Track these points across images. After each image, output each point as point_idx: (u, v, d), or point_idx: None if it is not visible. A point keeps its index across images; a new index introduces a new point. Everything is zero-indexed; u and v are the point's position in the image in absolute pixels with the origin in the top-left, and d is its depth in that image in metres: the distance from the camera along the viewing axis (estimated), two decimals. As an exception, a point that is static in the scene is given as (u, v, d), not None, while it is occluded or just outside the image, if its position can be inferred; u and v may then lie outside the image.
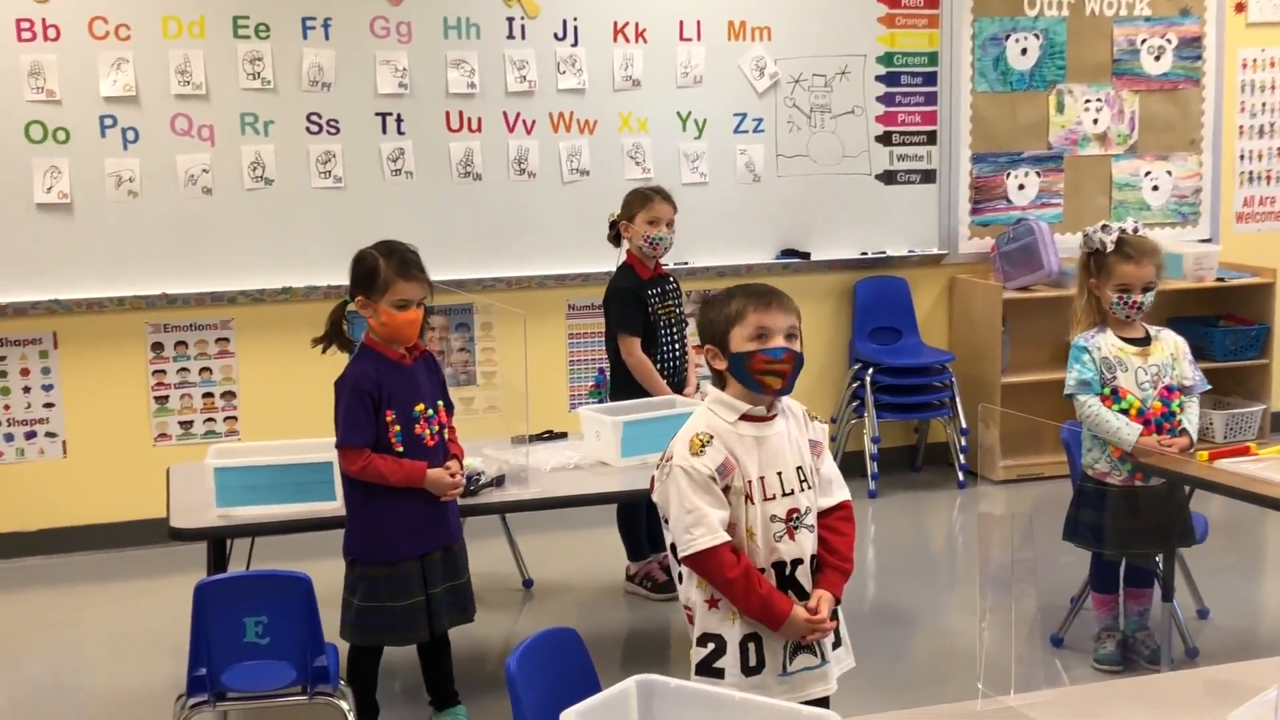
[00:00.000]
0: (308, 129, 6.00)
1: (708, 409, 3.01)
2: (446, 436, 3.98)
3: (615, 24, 6.36)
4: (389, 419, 3.81)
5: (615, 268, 5.24)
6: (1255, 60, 7.46)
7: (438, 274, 4.12)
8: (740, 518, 2.93)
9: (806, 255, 6.73)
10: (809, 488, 3.00)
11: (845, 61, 6.73)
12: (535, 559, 5.56)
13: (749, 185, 6.64)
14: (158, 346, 5.96)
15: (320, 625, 3.54)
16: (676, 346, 5.20)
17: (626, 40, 6.38)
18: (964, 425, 6.66)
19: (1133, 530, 4.45)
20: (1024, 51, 6.99)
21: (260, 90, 5.93)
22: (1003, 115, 7.00)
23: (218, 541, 4.09)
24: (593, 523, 5.58)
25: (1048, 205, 7.11)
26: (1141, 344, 4.44)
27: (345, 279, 3.91)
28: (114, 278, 5.83)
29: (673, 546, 2.97)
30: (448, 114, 6.17)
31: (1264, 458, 4.25)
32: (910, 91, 6.85)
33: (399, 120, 6.11)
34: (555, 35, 6.28)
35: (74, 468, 5.92)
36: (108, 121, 5.76)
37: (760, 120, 6.63)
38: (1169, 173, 7.32)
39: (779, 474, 2.96)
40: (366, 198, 6.07)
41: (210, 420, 6.06)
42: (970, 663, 2.70)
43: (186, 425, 6.03)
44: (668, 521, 2.97)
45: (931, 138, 6.91)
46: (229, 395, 6.07)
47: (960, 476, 6.75)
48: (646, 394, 4.97)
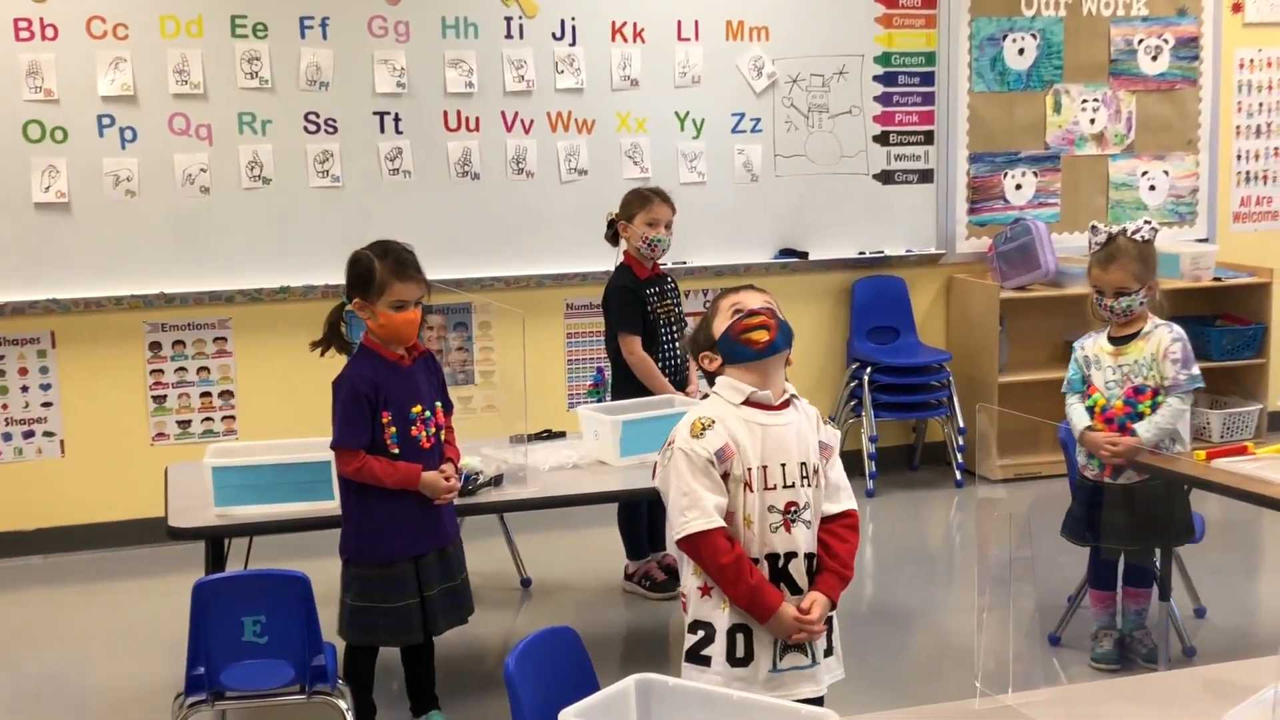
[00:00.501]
0: (305, 128, 6.00)
1: (715, 394, 3.04)
2: (443, 438, 3.97)
3: (613, 23, 6.37)
4: (385, 421, 3.80)
5: (613, 267, 5.25)
6: (1252, 60, 7.46)
7: (436, 273, 4.13)
8: (738, 505, 2.94)
9: (804, 255, 6.73)
10: (811, 485, 3.01)
11: (843, 61, 6.74)
12: (534, 558, 5.56)
13: (747, 185, 6.65)
14: (155, 346, 5.96)
15: (318, 624, 3.54)
16: (677, 345, 5.20)
17: (624, 40, 6.38)
18: (961, 424, 6.67)
19: (1129, 527, 4.46)
20: (1021, 51, 7.00)
21: (258, 89, 5.93)
22: (1000, 115, 7.00)
23: (216, 541, 4.09)
24: (591, 522, 5.58)
25: (1045, 205, 7.12)
26: (1122, 343, 4.45)
27: (343, 279, 3.91)
28: (112, 277, 5.83)
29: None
30: (446, 113, 6.17)
31: (1261, 457, 4.26)
32: (908, 91, 6.86)
33: (397, 120, 6.11)
34: (553, 35, 6.28)
35: (72, 467, 5.92)
36: (105, 121, 5.76)
37: (758, 120, 6.63)
38: (1166, 173, 7.33)
39: (782, 465, 2.97)
40: (364, 197, 6.07)
41: (208, 420, 6.06)
42: (968, 661, 2.71)
43: (184, 425, 6.03)
44: (668, 506, 2.98)
45: (929, 138, 6.92)
46: (227, 394, 6.07)
47: (958, 476, 6.76)
48: (648, 393, 4.97)
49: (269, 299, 6.01)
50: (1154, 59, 7.22)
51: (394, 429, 3.81)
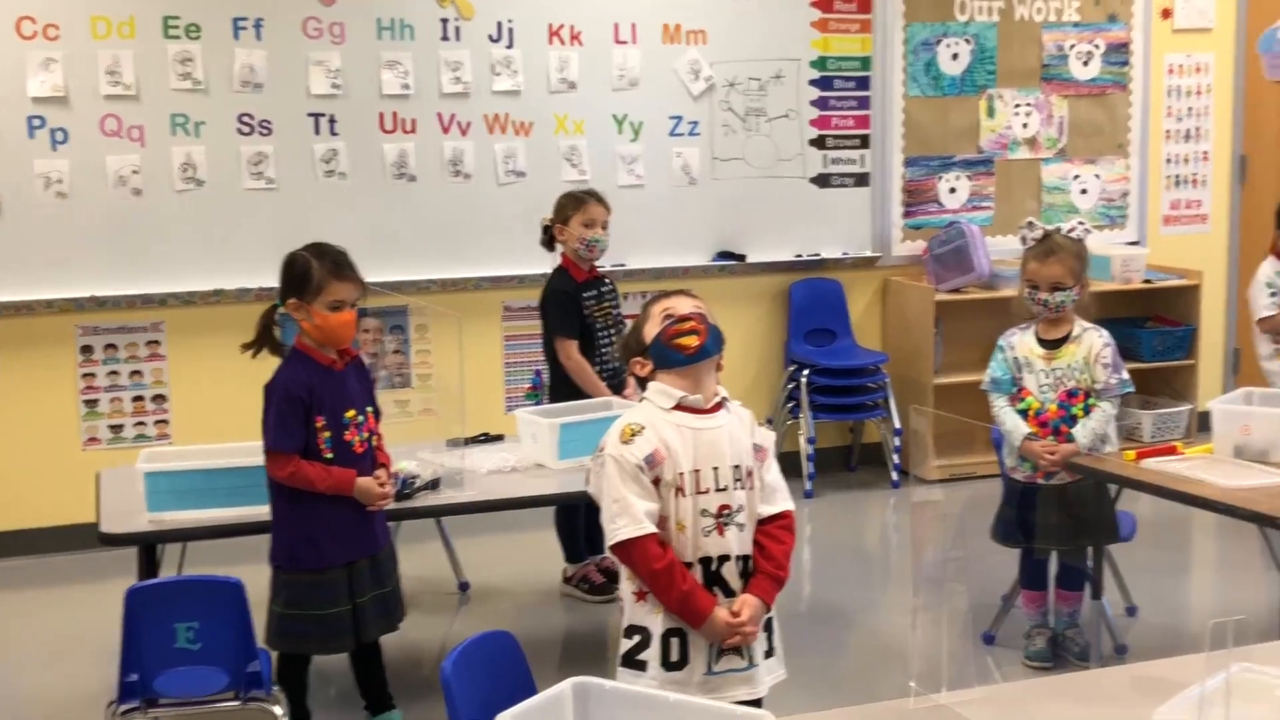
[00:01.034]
0: (239, 130, 5.95)
1: (646, 399, 3.04)
2: (375, 444, 3.95)
3: (550, 26, 6.36)
4: (319, 425, 3.77)
5: (551, 270, 5.24)
6: (1181, 65, 7.57)
7: (372, 276, 4.10)
8: (670, 510, 2.94)
9: (742, 257, 6.76)
10: (745, 488, 3.01)
11: (779, 66, 6.77)
12: (471, 562, 5.54)
13: (685, 188, 6.66)
14: (87, 349, 5.89)
15: (253, 630, 3.51)
16: (615, 349, 5.20)
17: (561, 43, 6.38)
18: (898, 425, 6.72)
19: (1062, 528, 4.52)
20: (955, 56, 7.07)
21: (191, 91, 5.87)
22: (934, 119, 7.07)
23: (149, 547, 4.03)
24: (529, 525, 5.57)
25: (978, 209, 7.19)
26: (1053, 346, 4.51)
27: (277, 281, 3.88)
28: (43, 280, 5.75)
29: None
30: (381, 115, 6.14)
31: (1190, 457, 4.32)
32: (843, 96, 6.90)
33: (332, 121, 6.07)
34: (490, 37, 6.27)
35: (2, 472, 5.82)
36: (36, 122, 5.68)
37: (696, 123, 6.65)
38: (1097, 176, 7.42)
39: (714, 469, 2.97)
40: (299, 199, 6.03)
41: (141, 424, 5.99)
42: (904, 661, 2.73)
43: (117, 429, 5.96)
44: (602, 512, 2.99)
45: (864, 141, 6.97)
46: (160, 399, 6.00)
47: (894, 476, 6.81)
48: (586, 396, 4.97)
49: (202, 302, 5.95)
50: (1085, 64, 7.31)
51: (328, 433, 3.78)
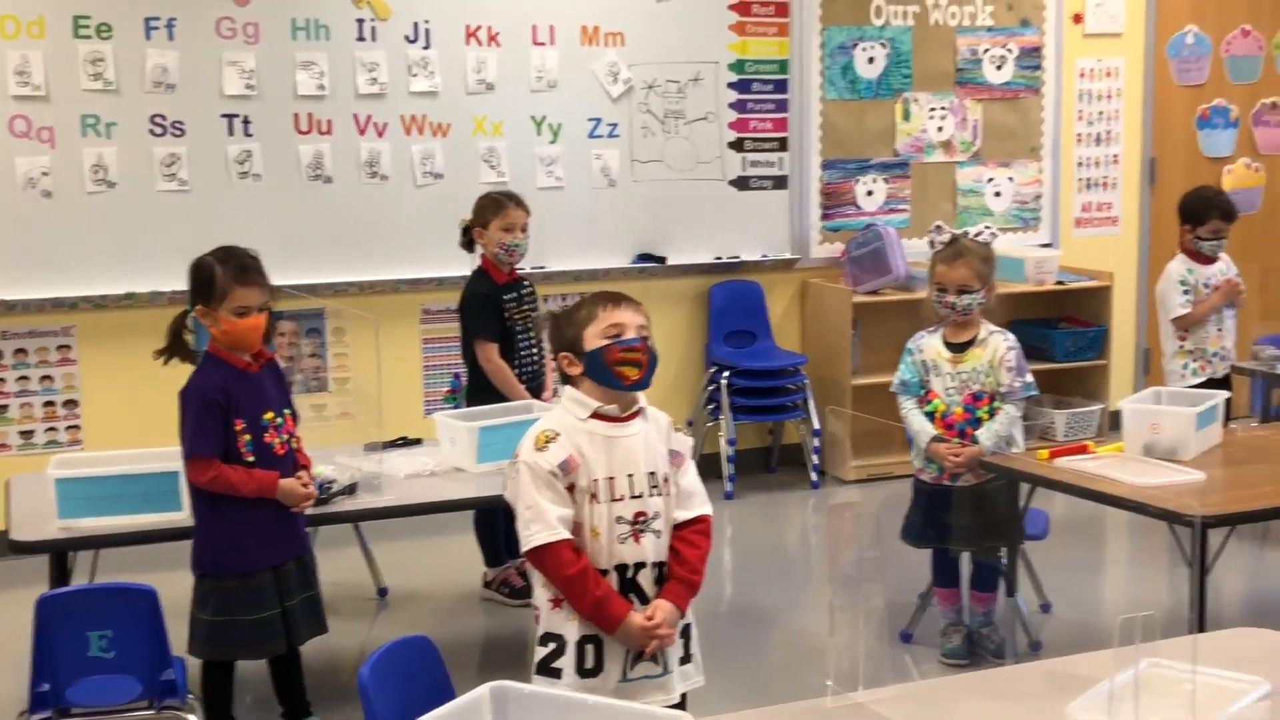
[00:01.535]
0: (152, 131, 5.87)
1: (561, 407, 3.04)
2: (295, 445, 3.92)
3: (468, 27, 6.33)
4: (239, 428, 3.74)
5: (470, 273, 5.22)
6: (1092, 70, 7.70)
7: (288, 279, 4.08)
8: (585, 517, 2.95)
9: (662, 260, 6.77)
10: (660, 494, 3.01)
11: (698, 68, 6.79)
12: (390, 567, 5.50)
13: (604, 190, 6.66)
14: (-5, 354, 5.79)
15: (167, 638, 3.47)
16: (535, 351, 5.19)
17: (479, 44, 6.35)
18: (817, 426, 6.76)
19: (973, 528, 4.58)
20: (871, 60, 7.13)
21: (102, 91, 5.78)
22: (851, 123, 7.12)
23: (60, 554, 3.96)
24: (449, 530, 5.54)
25: (895, 211, 7.26)
26: (959, 350, 4.58)
27: (187, 286, 3.83)
28: (-52, 284, 5.64)
29: None
30: (296, 116, 6.08)
31: (1101, 456, 4.39)
32: (762, 99, 6.94)
33: (246, 122, 6.00)
34: (406, 37, 6.23)
35: (-94, 481, 5.70)
36: (-60, 122, 5.57)
37: (615, 125, 6.65)
38: (1011, 179, 7.52)
39: (629, 476, 2.97)
40: (213, 201, 5.95)
41: (52, 430, 5.89)
42: (823, 660, 2.74)
43: (27, 435, 5.85)
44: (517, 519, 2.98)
45: (783, 144, 7.01)
46: (71, 404, 5.90)
47: (814, 477, 6.85)
48: (505, 399, 4.95)
49: (114, 306, 5.86)
50: (999, 68, 7.41)
51: (248, 436, 3.75)
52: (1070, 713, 2.48)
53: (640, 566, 2.98)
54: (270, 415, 3.81)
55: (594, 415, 2.99)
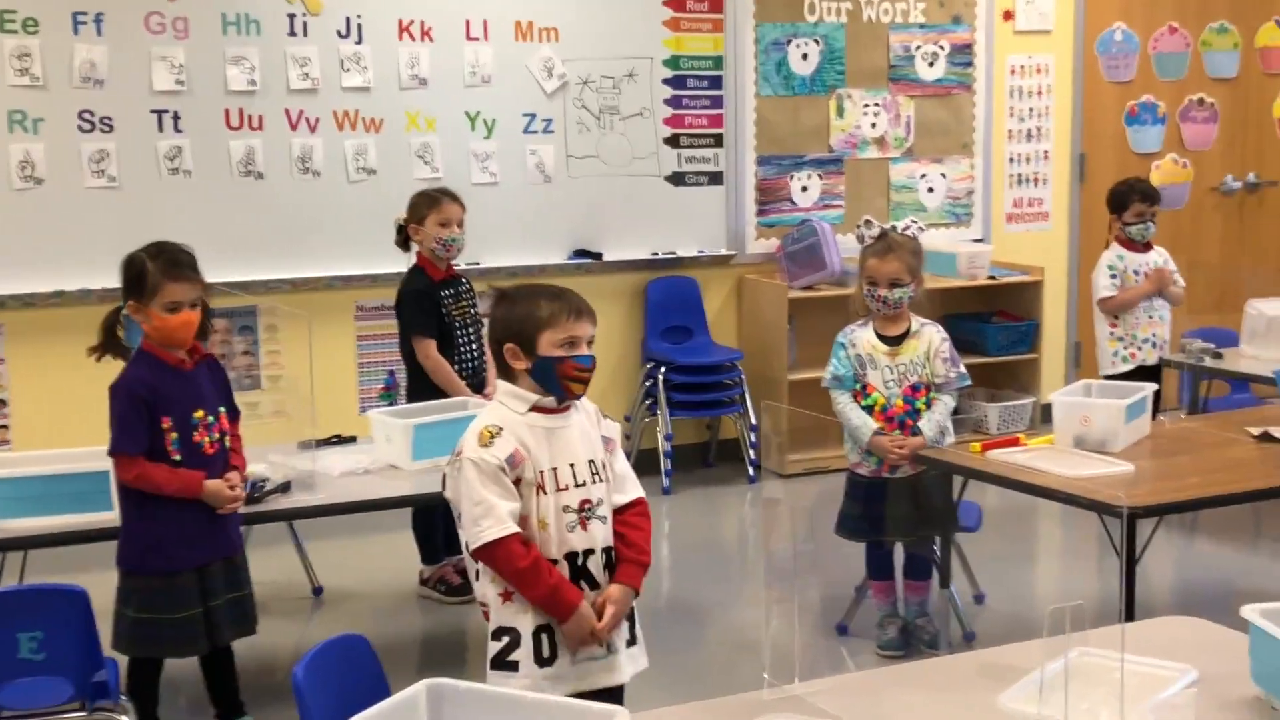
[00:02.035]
0: (80, 127, 5.79)
1: (498, 402, 3.06)
2: (229, 445, 3.88)
3: (400, 22, 6.30)
4: (165, 426, 3.70)
5: (406, 269, 5.19)
6: (1023, 66, 7.78)
7: (220, 275, 4.04)
8: (532, 509, 2.97)
9: (598, 256, 6.77)
10: (601, 480, 3.06)
11: (632, 64, 6.79)
12: (325, 566, 5.47)
13: (540, 186, 6.65)
14: (-80, 354, 5.69)
15: (99, 639, 3.43)
16: (474, 347, 5.17)
17: (412, 39, 6.32)
18: (754, 421, 6.79)
19: (908, 519, 4.62)
20: (805, 56, 7.16)
21: (29, 87, 5.70)
22: (786, 119, 7.16)
23: (-13, 556, 3.92)
24: (384, 527, 5.51)
25: (830, 207, 7.30)
26: (894, 343, 4.62)
27: (120, 282, 3.79)
28: None
29: (467, 544, 2.97)
30: (227, 111, 6.02)
31: (1032, 448, 4.44)
32: (697, 94, 6.95)
33: (176, 118, 5.94)
34: (339, 32, 6.18)
35: None
36: None
37: (550, 121, 6.64)
38: (943, 175, 7.58)
39: (571, 465, 3.01)
40: (143, 197, 5.88)
41: (-22, 430, 5.81)
42: (759, 653, 2.76)
43: (-48, 436, 5.77)
44: (460, 517, 2.97)
45: (718, 140, 7.03)
46: (-1, 404, 5.83)
47: (751, 472, 6.88)
48: (445, 396, 4.93)
49: (43, 304, 5.78)
50: (931, 65, 7.47)
51: (175, 434, 3.71)
52: (1002, 702, 2.51)
53: (589, 553, 3.02)
54: (201, 414, 3.76)
55: (533, 409, 3.01)
